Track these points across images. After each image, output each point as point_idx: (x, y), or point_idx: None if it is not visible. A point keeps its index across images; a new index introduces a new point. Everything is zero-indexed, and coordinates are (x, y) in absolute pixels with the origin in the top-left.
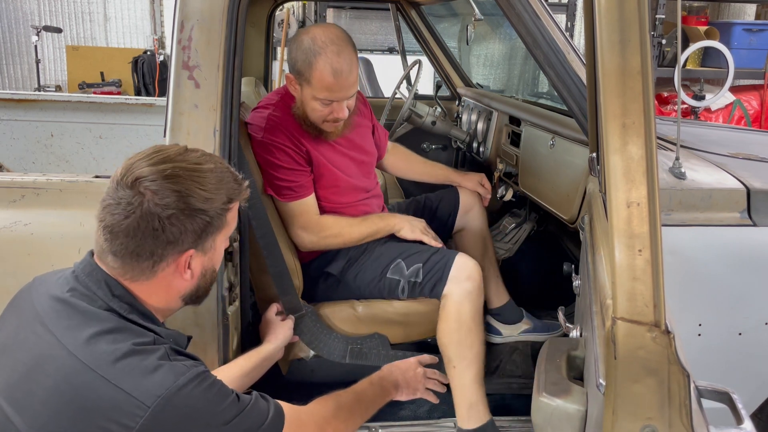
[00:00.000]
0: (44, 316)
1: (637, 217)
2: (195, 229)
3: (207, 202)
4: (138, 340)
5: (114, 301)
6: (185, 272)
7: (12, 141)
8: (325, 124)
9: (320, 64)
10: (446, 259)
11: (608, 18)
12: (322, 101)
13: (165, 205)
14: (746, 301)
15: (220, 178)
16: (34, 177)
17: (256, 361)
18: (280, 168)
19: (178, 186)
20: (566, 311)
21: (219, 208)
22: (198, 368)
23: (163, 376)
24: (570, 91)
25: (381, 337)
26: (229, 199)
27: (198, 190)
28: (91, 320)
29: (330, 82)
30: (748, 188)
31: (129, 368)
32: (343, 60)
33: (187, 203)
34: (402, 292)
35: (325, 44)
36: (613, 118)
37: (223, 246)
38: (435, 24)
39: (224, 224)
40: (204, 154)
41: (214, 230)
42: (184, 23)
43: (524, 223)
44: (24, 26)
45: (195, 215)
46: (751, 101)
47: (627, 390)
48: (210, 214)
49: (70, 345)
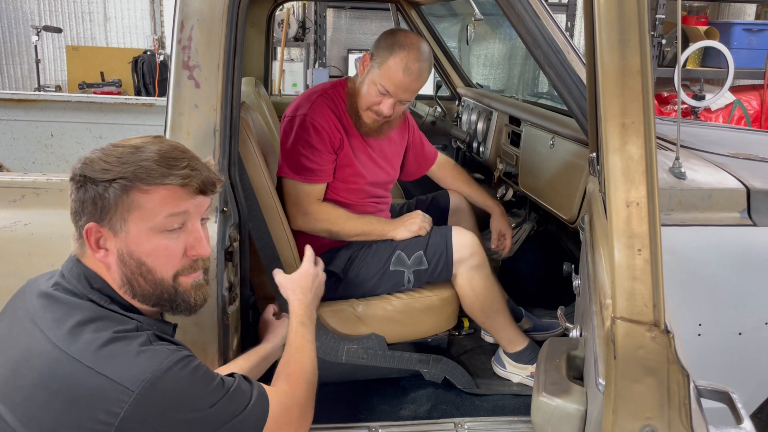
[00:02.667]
0: (33, 313)
1: (636, 216)
2: (87, 198)
3: (103, 173)
4: (120, 327)
5: (93, 293)
6: (97, 251)
7: (12, 141)
8: (367, 111)
9: (399, 57)
10: (444, 239)
11: (608, 18)
12: (380, 89)
13: (74, 172)
14: (746, 301)
15: (137, 157)
16: (34, 177)
17: (255, 361)
18: (311, 148)
19: (89, 156)
20: (566, 311)
21: (118, 183)
22: (182, 352)
23: (147, 360)
24: (570, 91)
25: (378, 337)
26: (136, 177)
27: (100, 161)
28: (73, 310)
29: (397, 75)
30: (748, 188)
31: (112, 355)
32: (419, 66)
33: (82, 172)
34: (408, 282)
35: (413, 46)
36: (613, 117)
37: (146, 235)
38: (435, 24)
39: (132, 205)
40: (163, 140)
41: (116, 207)
42: (184, 23)
43: (524, 223)
44: (24, 26)
45: (86, 184)
46: (751, 101)
47: (627, 390)
48: (103, 186)
49: (54, 337)
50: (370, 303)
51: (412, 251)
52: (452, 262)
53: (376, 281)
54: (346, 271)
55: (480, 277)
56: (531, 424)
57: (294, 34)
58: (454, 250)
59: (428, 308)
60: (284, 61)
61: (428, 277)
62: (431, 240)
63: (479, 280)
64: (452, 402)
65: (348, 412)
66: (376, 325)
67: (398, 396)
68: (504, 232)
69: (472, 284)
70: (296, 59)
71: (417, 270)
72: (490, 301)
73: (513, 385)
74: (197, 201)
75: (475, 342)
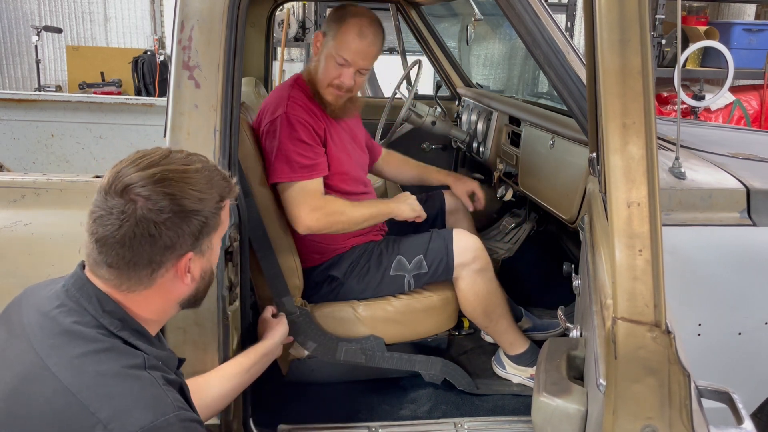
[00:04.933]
0: (30, 333)
1: (637, 216)
2: (192, 231)
3: (201, 203)
4: (127, 362)
5: (104, 317)
6: (185, 276)
7: (12, 141)
8: (328, 88)
9: (351, 24)
10: (445, 242)
11: (608, 18)
12: (338, 60)
13: (159, 209)
14: (746, 301)
15: (210, 177)
16: (34, 177)
17: (254, 358)
18: (301, 143)
19: (170, 189)
20: (566, 311)
21: (213, 207)
22: (188, 413)
23: (145, 409)
24: (570, 91)
25: (377, 339)
26: (221, 197)
27: (190, 191)
28: (77, 340)
29: (354, 41)
30: (748, 188)
31: (112, 395)
32: (372, 30)
33: (181, 206)
34: (408, 286)
35: (363, 14)
36: (613, 118)
37: (219, 245)
38: (435, 24)
39: (219, 223)
40: (190, 155)
41: (210, 230)
42: (184, 23)
43: (524, 223)
44: (24, 26)
45: (190, 217)
46: (751, 101)
47: (627, 390)
48: (205, 215)
49: (53, 365)
50: (371, 304)
51: (412, 255)
52: (453, 266)
53: (376, 286)
54: (348, 276)
55: (483, 281)
56: (531, 424)
57: (294, 34)
58: (455, 254)
59: (428, 308)
60: (284, 61)
61: (428, 280)
62: (431, 244)
63: (482, 284)
64: (452, 402)
65: (348, 412)
66: (377, 325)
67: (398, 396)
68: (471, 189)
69: (475, 288)
70: (296, 59)
71: (417, 274)
72: (493, 305)
73: (513, 386)
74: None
75: (474, 342)
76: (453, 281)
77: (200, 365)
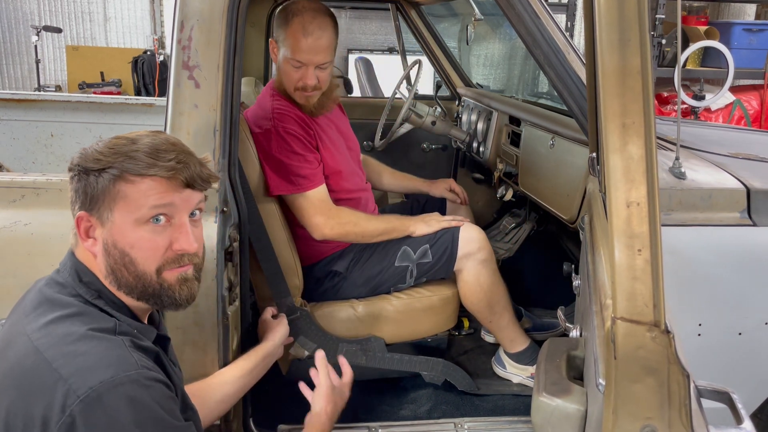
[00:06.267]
0: (24, 306)
1: (636, 216)
2: (80, 188)
3: (95, 162)
4: (96, 325)
5: (81, 287)
6: (86, 239)
7: (12, 141)
8: (296, 92)
9: (294, 24)
10: (451, 234)
11: (608, 18)
12: (293, 63)
13: (69, 164)
14: (746, 301)
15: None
16: (34, 177)
17: (255, 360)
18: (296, 156)
19: (86, 147)
20: (566, 311)
21: (108, 172)
22: (151, 372)
23: (106, 367)
24: (570, 91)
25: (377, 339)
26: (124, 167)
27: (94, 152)
28: (54, 306)
29: (300, 41)
30: (748, 188)
31: (75, 353)
32: (316, 24)
33: (78, 162)
34: (410, 277)
35: (304, 10)
36: (613, 118)
37: (130, 226)
38: (435, 24)
39: (119, 195)
40: (159, 134)
41: (104, 196)
42: (184, 23)
43: (524, 223)
44: (24, 26)
45: (80, 174)
46: (751, 101)
47: (627, 390)
48: (94, 175)
49: (29, 330)
50: (371, 303)
51: (418, 245)
52: (455, 258)
53: (380, 278)
54: (350, 271)
55: (487, 272)
56: (531, 424)
57: None
58: (461, 244)
59: (428, 308)
60: None
61: (430, 269)
62: (438, 234)
63: (487, 275)
64: (452, 402)
65: (348, 412)
66: (377, 325)
67: (398, 396)
68: (448, 185)
69: (479, 279)
70: None
71: (420, 263)
72: (497, 297)
73: (513, 386)
74: (184, 195)
75: (475, 342)
76: (456, 273)
77: (200, 365)
